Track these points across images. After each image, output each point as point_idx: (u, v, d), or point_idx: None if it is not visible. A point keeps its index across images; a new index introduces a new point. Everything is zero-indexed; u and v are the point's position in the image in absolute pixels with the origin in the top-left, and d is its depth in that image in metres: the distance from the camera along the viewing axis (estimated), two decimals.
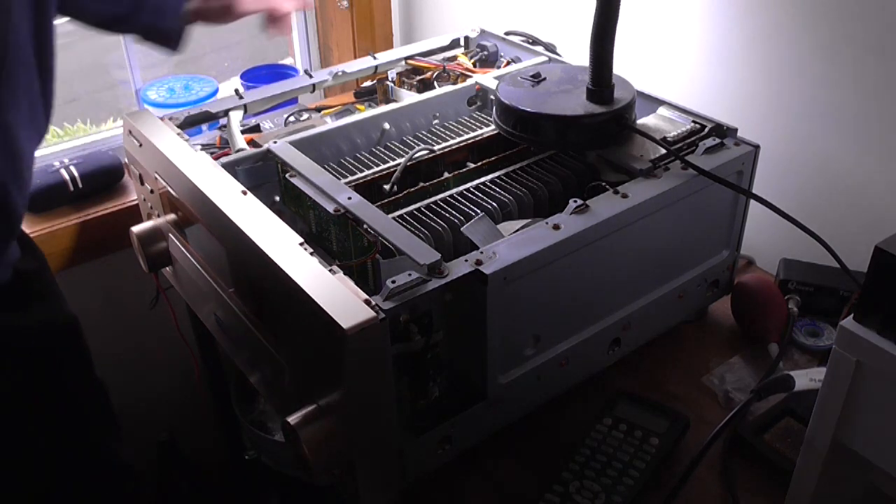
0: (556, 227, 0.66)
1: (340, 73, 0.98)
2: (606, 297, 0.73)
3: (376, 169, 0.79)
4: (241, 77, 1.41)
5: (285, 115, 0.97)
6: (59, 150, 1.22)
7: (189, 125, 0.88)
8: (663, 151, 0.76)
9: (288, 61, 1.58)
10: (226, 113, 0.89)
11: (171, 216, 0.81)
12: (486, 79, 0.92)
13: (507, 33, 1.08)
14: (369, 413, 0.59)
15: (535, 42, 1.06)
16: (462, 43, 1.07)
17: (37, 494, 0.81)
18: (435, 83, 0.98)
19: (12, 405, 0.77)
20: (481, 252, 0.63)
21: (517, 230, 0.68)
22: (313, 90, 0.98)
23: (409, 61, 1.02)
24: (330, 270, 0.61)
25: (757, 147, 0.77)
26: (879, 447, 0.50)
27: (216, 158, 0.78)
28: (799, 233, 0.71)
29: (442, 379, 0.65)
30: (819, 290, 0.85)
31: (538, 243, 0.64)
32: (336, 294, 0.58)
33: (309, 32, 1.50)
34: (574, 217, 0.67)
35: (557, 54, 1.07)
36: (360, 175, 0.78)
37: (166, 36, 0.88)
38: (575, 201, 0.68)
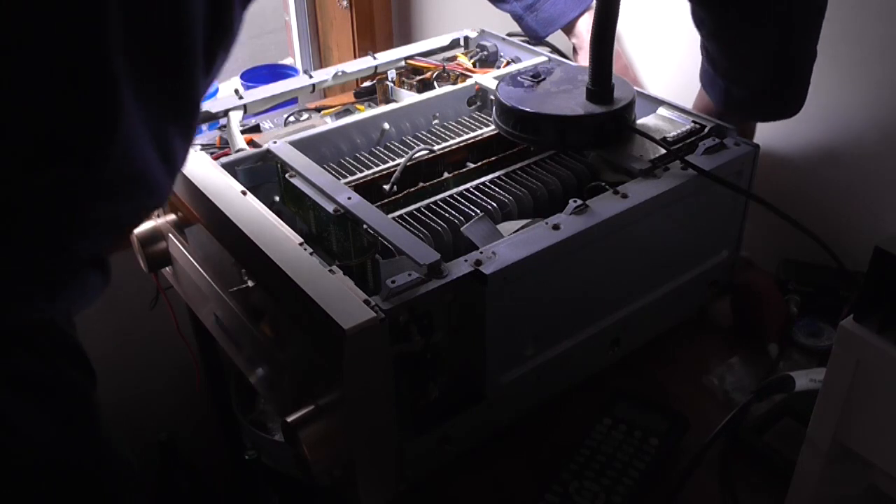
0: (556, 227, 0.66)
1: (340, 73, 0.98)
2: (606, 297, 0.73)
3: (376, 169, 0.79)
4: (241, 77, 1.41)
5: (285, 115, 0.97)
6: None
7: None
8: (663, 151, 0.76)
9: (288, 61, 1.59)
10: (226, 113, 0.89)
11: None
12: (486, 79, 0.92)
13: (509, 34, 1.08)
14: (369, 413, 0.59)
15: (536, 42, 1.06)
16: (462, 43, 1.07)
17: None
18: (435, 83, 0.98)
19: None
20: (481, 252, 0.63)
21: (517, 230, 0.68)
22: (313, 90, 0.97)
23: (409, 61, 1.02)
24: (330, 270, 0.61)
25: (757, 147, 0.77)
26: (879, 447, 0.50)
27: (216, 158, 0.78)
28: (799, 233, 0.71)
29: (442, 379, 0.65)
30: (819, 290, 0.85)
31: (538, 243, 0.64)
32: (336, 294, 0.58)
33: (309, 32, 1.50)
34: (574, 217, 0.67)
35: (562, 52, 1.07)
36: (359, 175, 0.78)
37: None
38: (575, 201, 0.68)
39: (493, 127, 0.83)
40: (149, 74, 0.50)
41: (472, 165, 0.81)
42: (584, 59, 0.78)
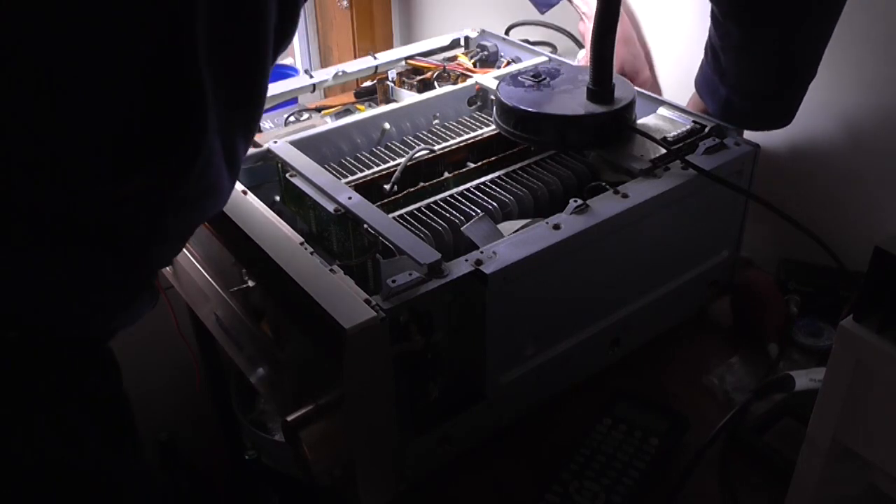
0: (556, 227, 0.66)
1: (340, 73, 0.98)
2: (606, 297, 0.73)
3: (376, 169, 0.79)
4: None
5: (285, 115, 0.97)
6: None
7: None
8: (663, 151, 0.76)
9: (288, 61, 1.58)
10: None
11: None
12: (486, 79, 0.92)
13: (512, 25, 1.07)
14: (369, 413, 0.59)
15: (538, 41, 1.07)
16: (462, 43, 1.07)
17: None
18: (435, 83, 0.98)
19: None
20: (481, 252, 0.63)
21: (517, 230, 0.68)
22: (313, 90, 0.98)
23: (409, 61, 1.02)
24: (330, 270, 0.61)
25: (757, 147, 0.77)
26: (879, 447, 0.50)
27: None
28: (799, 233, 0.71)
29: (442, 379, 0.65)
30: (819, 290, 0.85)
31: (538, 243, 0.64)
32: (336, 294, 0.58)
33: (309, 32, 1.50)
34: (574, 217, 0.67)
35: (573, 39, 1.07)
36: (360, 175, 0.78)
37: None
38: (575, 201, 0.68)
39: (493, 127, 0.83)
40: (227, 84, 0.50)
41: (472, 165, 0.81)
42: (590, 27, 0.77)
